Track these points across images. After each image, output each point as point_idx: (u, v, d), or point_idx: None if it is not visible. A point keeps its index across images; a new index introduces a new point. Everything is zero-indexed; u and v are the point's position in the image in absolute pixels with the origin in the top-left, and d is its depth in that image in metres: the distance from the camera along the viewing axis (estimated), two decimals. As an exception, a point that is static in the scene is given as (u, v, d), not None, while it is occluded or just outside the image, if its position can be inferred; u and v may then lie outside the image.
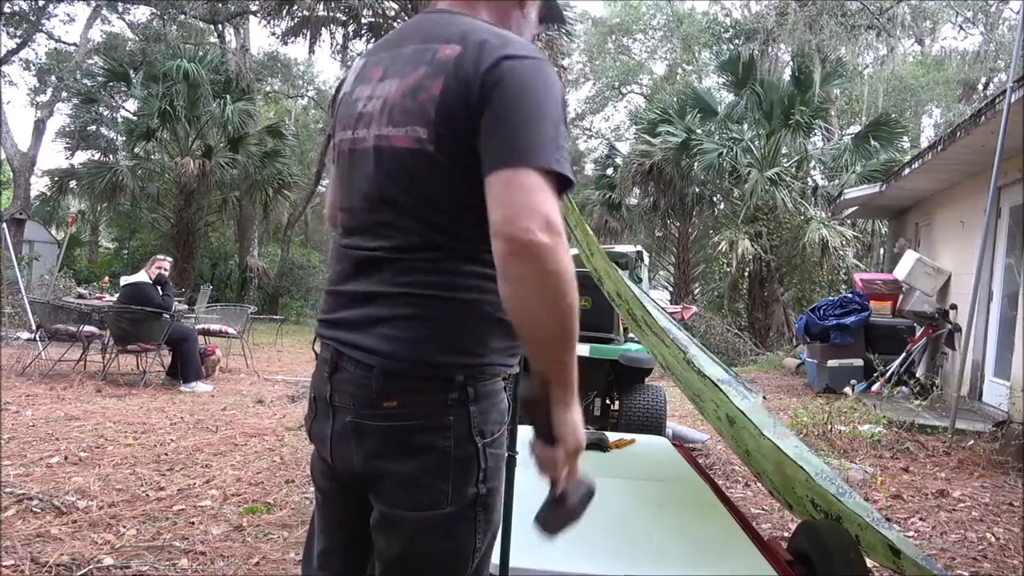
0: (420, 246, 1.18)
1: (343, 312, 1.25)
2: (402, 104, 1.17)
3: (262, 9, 16.25)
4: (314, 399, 1.31)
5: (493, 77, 1.09)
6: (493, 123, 1.09)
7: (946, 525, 3.73)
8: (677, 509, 2.50)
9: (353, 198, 1.27)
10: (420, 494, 1.17)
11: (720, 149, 13.63)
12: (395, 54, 1.25)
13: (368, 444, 1.19)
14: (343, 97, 1.34)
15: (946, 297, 8.31)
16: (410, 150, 1.16)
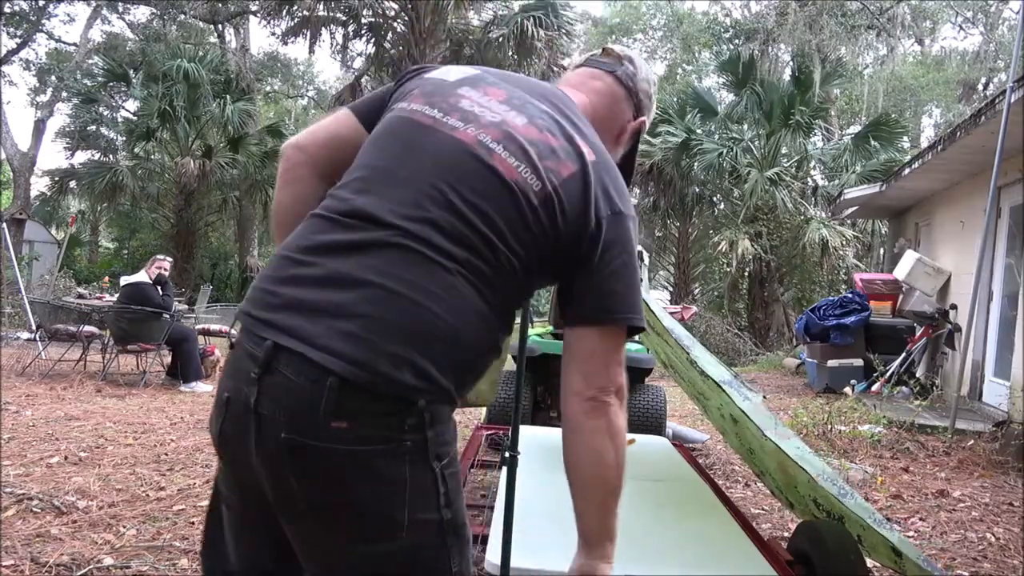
0: (452, 255, 1.06)
1: (298, 289, 1.05)
2: (527, 145, 1.13)
3: (262, 9, 16.25)
4: (227, 400, 1.07)
5: (613, 225, 1.14)
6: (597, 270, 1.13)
7: (946, 525, 3.73)
8: (677, 509, 2.50)
9: (397, 159, 1.14)
10: (373, 525, 1.04)
11: (720, 149, 13.64)
12: (524, 96, 1.22)
13: (310, 468, 1.02)
14: (434, 79, 1.25)
15: (946, 297, 8.31)
16: (509, 183, 1.10)
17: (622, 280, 1.15)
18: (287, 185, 1.29)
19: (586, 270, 1.14)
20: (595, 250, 1.13)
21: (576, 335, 1.16)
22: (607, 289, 1.14)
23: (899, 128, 14.11)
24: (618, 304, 1.14)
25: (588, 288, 1.14)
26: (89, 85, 17.06)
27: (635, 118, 1.41)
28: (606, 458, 1.16)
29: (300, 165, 1.28)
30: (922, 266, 8.45)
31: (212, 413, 1.13)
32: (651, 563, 1.97)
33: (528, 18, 13.43)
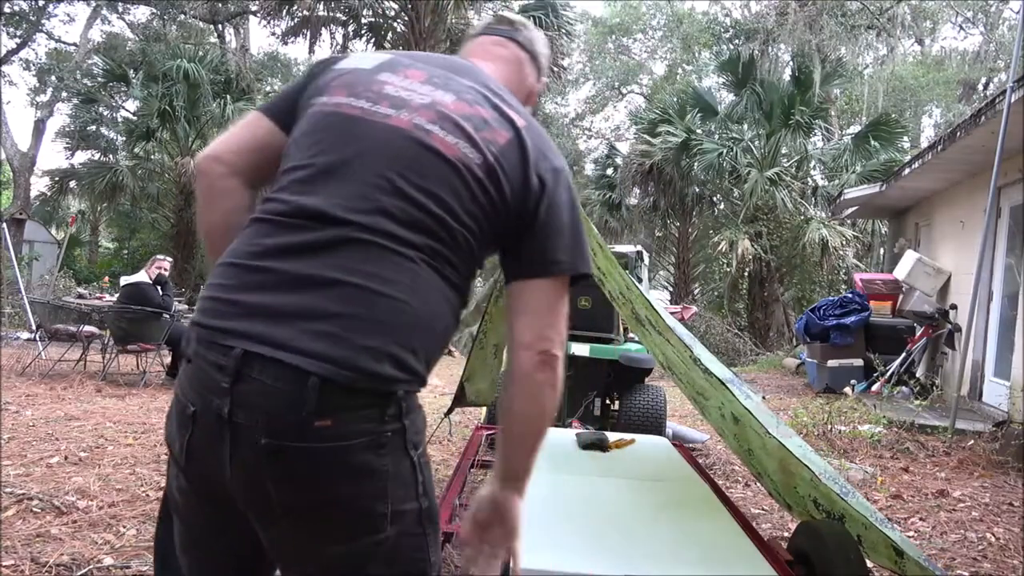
0: (408, 242, 1.08)
1: (260, 295, 1.04)
2: (460, 121, 1.15)
3: (262, 9, 16.24)
4: (193, 414, 1.04)
5: (554, 181, 1.18)
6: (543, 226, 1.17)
7: (946, 525, 3.73)
8: (677, 509, 2.50)
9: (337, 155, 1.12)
10: (356, 521, 1.05)
11: (720, 149, 13.64)
12: (444, 74, 1.23)
13: (291, 470, 1.01)
14: (350, 69, 1.23)
15: (946, 297, 8.31)
16: (451, 159, 1.12)
17: (567, 231, 1.18)
18: (214, 202, 1.24)
19: (533, 228, 1.17)
20: (540, 207, 1.16)
21: (523, 288, 1.17)
22: (554, 242, 1.17)
23: (899, 128, 14.11)
24: (566, 254, 1.17)
25: (535, 243, 1.17)
26: (89, 85, 17.05)
27: (536, 81, 1.45)
28: (548, 409, 1.17)
29: (223, 177, 1.22)
30: (922, 266, 8.45)
31: (171, 430, 1.11)
32: (651, 563, 1.97)
33: (528, 18, 13.39)
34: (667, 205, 15.78)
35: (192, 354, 1.07)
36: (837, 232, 12.68)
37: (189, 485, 1.11)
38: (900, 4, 18.53)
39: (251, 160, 1.24)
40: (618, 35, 25.91)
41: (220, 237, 1.21)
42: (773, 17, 18.64)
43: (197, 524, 1.16)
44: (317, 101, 1.19)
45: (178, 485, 1.14)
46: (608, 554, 2.00)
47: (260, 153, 1.24)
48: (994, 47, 19.52)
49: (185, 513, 1.16)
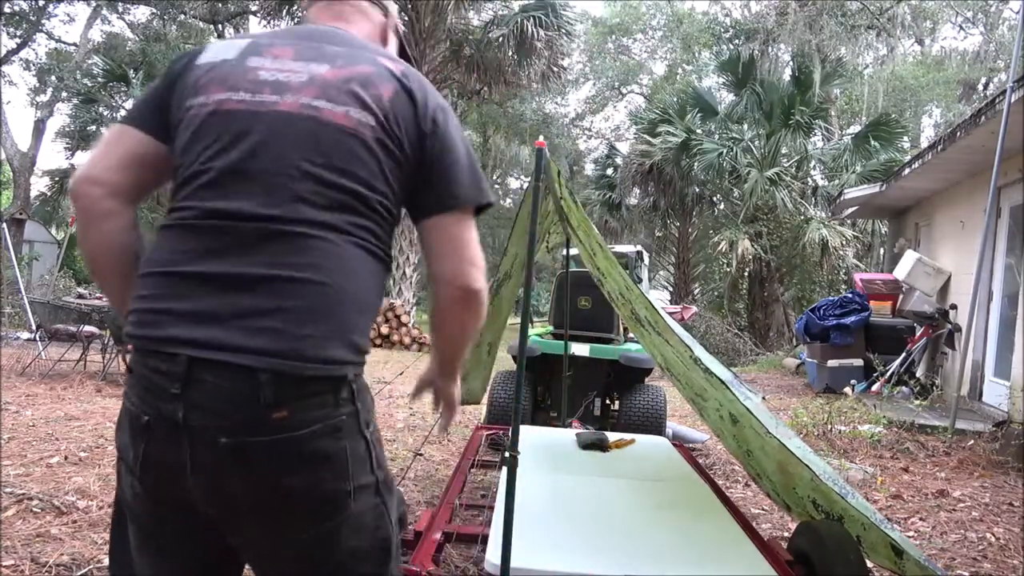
0: (330, 225, 1.09)
1: (190, 302, 1.04)
2: (343, 87, 1.15)
3: (262, 9, 16.25)
4: (147, 423, 1.04)
5: (443, 119, 1.20)
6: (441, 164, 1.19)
7: (946, 525, 3.73)
8: (677, 509, 2.50)
9: (236, 153, 1.10)
10: (323, 505, 1.08)
11: (720, 149, 13.64)
12: (311, 45, 1.21)
13: (255, 466, 1.03)
14: (215, 63, 1.18)
15: (946, 297, 8.31)
16: (346, 128, 1.13)
17: (464, 165, 1.21)
18: (94, 224, 1.19)
19: (432, 168, 1.20)
20: (436, 148, 1.19)
21: (432, 227, 1.21)
22: (453, 177, 1.20)
23: (899, 128, 14.12)
24: (465, 188, 1.21)
25: (435, 182, 1.20)
26: (89, 85, 17.05)
27: (385, 17, 1.44)
28: (470, 332, 1.26)
29: (102, 199, 1.17)
30: (922, 266, 8.45)
31: (124, 441, 1.11)
32: (651, 563, 1.97)
33: (528, 18, 13.42)
34: (667, 205, 15.79)
35: (133, 364, 1.08)
36: (837, 232, 12.68)
37: (147, 494, 1.11)
38: (900, 4, 18.54)
39: (129, 177, 1.19)
40: (618, 35, 25.92)
41: (105, 258, 1.20)
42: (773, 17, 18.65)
43: (159, 531, 1.14)
44: (194, 103, 1.15)
45: (134, 493, 1.12)
46: (608, 554, 2.00)
47: (137, 168, 1.19)
48: (994, 47, 19.52)
49: (145, 521, 1.15)
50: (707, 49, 23.43)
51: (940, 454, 5.20)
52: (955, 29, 22.71)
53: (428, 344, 9.95)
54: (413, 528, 2.34)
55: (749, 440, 2.66)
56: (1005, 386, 6.34)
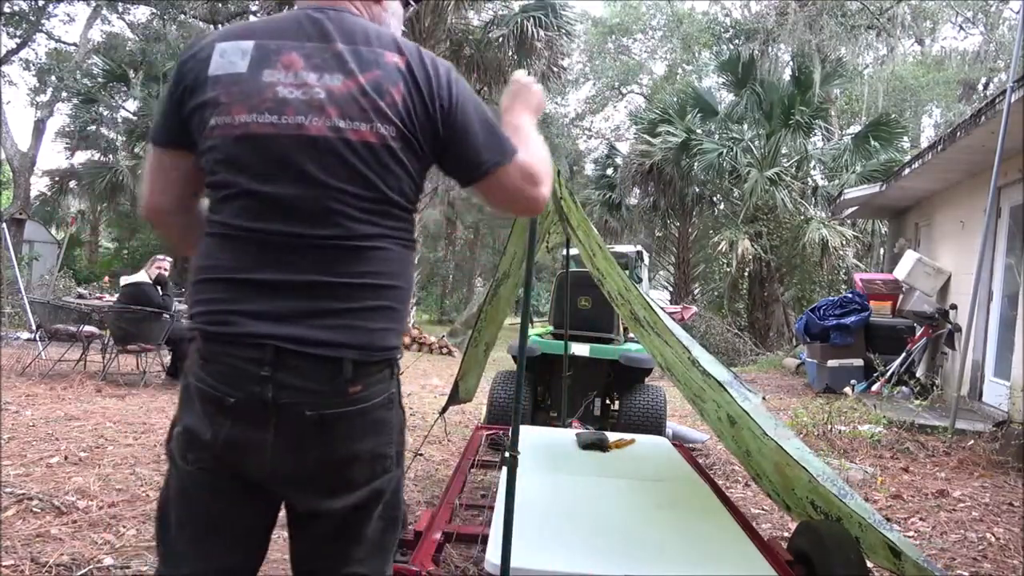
0: (375, 235, 1.23)
1: (270, 304, 1.19)
2: (361, 101, 1.21)
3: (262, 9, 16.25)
4: (233, 405, 1.18)
5: (452, 95, 1.27)
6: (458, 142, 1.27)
7: (946, 525, 3.73)
8: (677, 509, 2.50)
9: (276, 182, 1.20)
10: (375, 464, 1.27)
11: (720, 149, 13.64)
12: (316, 47, 1.24)
13: (330, 434, 1.21)
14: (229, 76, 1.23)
15: (946, 297, 8.31)
16: (375, 145, 1.21)
17: (475, 134, 1.28)
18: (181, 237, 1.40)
19: (452, 143, 1.28)
20: (454, 126, 1.27)
21: (477, 191, 1.32)
22: (482, 143, 1.28)
23: (899, 128, 14.11)
24: (486, 154, 1.28)
25: (459, 156, 1.29)
26: (89, 85, 17.04)
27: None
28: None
29: (172, 217, 1.37)
30: (922, 266, 8.45)
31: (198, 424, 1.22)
32: (651, 563, 1.97)
33: (528, 18, 13.42)
34: (667, 205, 15.79)
35: (211, 355, 1.21)
36: (837, 232, 12.68)
37: (216, 468, 1.24)
38: (900, 4, 18.54)
39: (178, 191, 1.35)
40: (618, 35, 25.91)
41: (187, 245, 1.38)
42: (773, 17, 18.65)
43: (213, 504, 1.27)
44: (220, 122, 1.22)
45: (199, 468, 1.24)
46: (608, 554, 2.00)
47: (182, 183, 1.34)
48: (994, 47, 19.52)
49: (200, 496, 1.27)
50: (707, 49, 23.42)
51: (940, 454, 5.20)
52: (955, 29, 22.73)
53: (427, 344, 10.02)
54: (413, 528, 2.34)
55: (747, 441, 2.66)
56: (1005, 386, 6.34)
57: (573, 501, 2.46)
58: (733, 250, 12.97)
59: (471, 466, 3.26)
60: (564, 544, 2.05)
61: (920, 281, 8.48)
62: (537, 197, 1.31)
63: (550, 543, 2.04)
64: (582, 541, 2.09)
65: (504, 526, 1.73)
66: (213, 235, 1.25)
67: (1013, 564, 3.25)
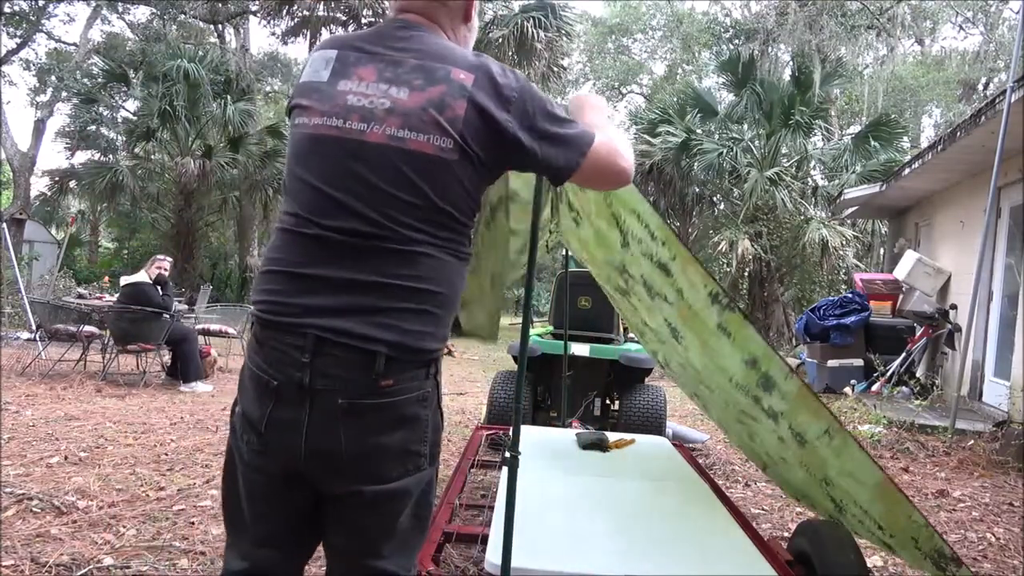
0: (424, 241, 1.29)
1: (318, 298, 1.27)
2: (422, 114, 1.28)
3: (262, 9, 16.26)
4: (276, 388, 1.29)
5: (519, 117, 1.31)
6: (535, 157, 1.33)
7: (946, 525, 3.73)
8: (677, 509, 2.50)
9: (337, 181, 1.29)
10: (407, 460, 1.33)
11: (720, 149, 13.63)
12: (391, 61, 1.34)
13: (360, 423, 1.28)
14: (312, 84, 1.36)
15: (946, 297, 8.31)
16: (431, 156, 1.27)
17: (557, 139, 1.33)
18: None
19: (534, 152, 1.33)
20: (523, 142, 1.31)
21: (576, 180, 1.38)
22: (560, 148, 1.34)
23: (899, 128, 14.09)
24: (564, 161, 1.35)
25: (548, 159, 1.34)
26: (89, 85, 17.04)
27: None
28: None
29: None
30: (922, 266, 8.45)
31: (248, 403, 1.34)
32: (651, 563, 1.97)
33: (528, 19, 13.42)
34: (667, 205, 15.77)
35: (264, 339, 1.31)
36: (837, 232, 12.67)
37: (262, 447, 1.33)
38: (900, 4, 18.54)
39: None
40: (618, 35, 25.92)
41: None
42: (773, 17, 18.66)
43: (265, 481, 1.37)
44: (299, 121, 1.36)
45: (249, 449, 1.35)
46: (608, 554, 2.00)
47: None
48: (994, 47, 19.52)
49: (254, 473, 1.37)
50: (707, 49, 23.43)
51: (940, 454, 5.20)
52: (955, 29, 22.72)
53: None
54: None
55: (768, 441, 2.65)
56: (1005, 386, 6.34)
57: (573, 501, 2.46)
58: (733, 250, 12.96)
59: (471, 466, 3.26)
60: (564, 544, 2.05)
61: (920, 281, 8.48)
62: (622, 171, 1.38)
63: (550, 543, 2.04)
64: (582, 541, 2.09)
65: (504, 526, 1.73)
66: (281, 229, 1.35)
67: (1013, 564, 3.25)
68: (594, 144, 1.35)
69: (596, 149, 1.35)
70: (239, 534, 1.44)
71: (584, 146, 1.35)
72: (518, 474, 1.74)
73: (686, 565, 1.98)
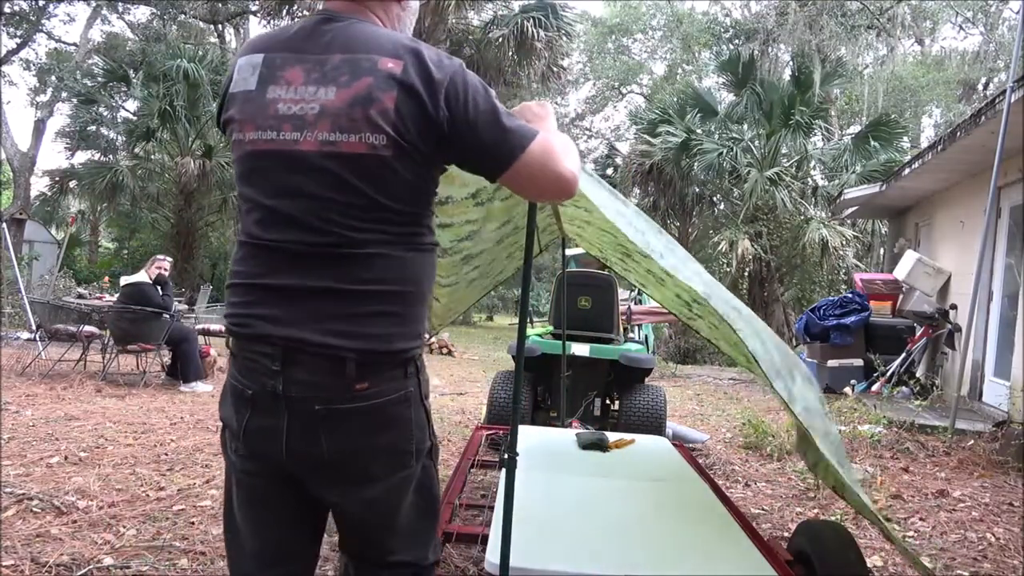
0: (374, 241, 1.26)
1: (279, 308, 1.26)
2: (351, 112, 1.23)
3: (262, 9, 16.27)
4: (251, 396, 1.29)
5: (454, 98, 1.23)
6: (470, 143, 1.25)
7: (946, 525, 3.73)
8: (677, 509, 2.50)
9: (280, 196, 1.27)
10: (392, 461, 1.32)
11: (720, 149, 13.63)
12: (317, 60, 1.28)
13: (341, 428, 1.27)
14: (243, 93, 1.31)
15: (946, 297, 8.31)
16: (365, 155, 1.23)
17: (490, 131, 1.24)
18: None
19: (468, 140, 1.25)
20: (459, 127, 1.24)
21: (508, 179, 1.28)
22: (495, 138, 1.25)
23: (899, 128, 14.10)
24: (502, 152, 1.25)
25: (482, 149, 1.26)
26: (89, 85, 17.04)
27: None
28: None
29: None
30: (922, 266, 8.45)
31: (228, 413, 1.35)
32: (651, 563, 1.97)
33: (528, 19, 13.42)
34: (667, 205, 15.78)
35: (236, 351, 1.32)
36: (837, 232, 12.67)
37: (249, 454, 1.33)
38: (900, 4, 18.54)
39: None
40: (618, 35, 25.90)
41: None
42: (773, 17, 18.66)
43: (257, 486, 1.37)
44: (237, 137, 1.32)
45: (237, 456, 1.36)
46: (608, 554, 2.00)
47: None
48: (994, 47, 19.52)
49: (246, 479, 1.38)
50: (707, 49, 23.43)
51: (940, 454, 5.20)
52: (955, 29, 22.72)
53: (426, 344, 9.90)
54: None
55: None
56: (1005, 386, 6.34)
57: (573, 501, 2.46)
58: (733, 250, 12.97)
59: (471, 466, 3.26)
60: (564, 544, 2.05)
61: (920, 281, 8.48)
62: (565, 174, 1.25)
63: (550, 543, 2.04)
64: (582, 541, 2.09)
65: (504, 526, 1.73)
66: (241, 243, 1.34)
67: (1013, 564, 3.25)
68: (535, 140, 1.25)
69: (537, 145, 1.24)
70: (238, 550, 1.42)
71: (524, 139, 1.24)
72: (518, 474, 1.74)
73: (686, 565, 1.98)
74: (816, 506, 4.02)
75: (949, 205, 8.70)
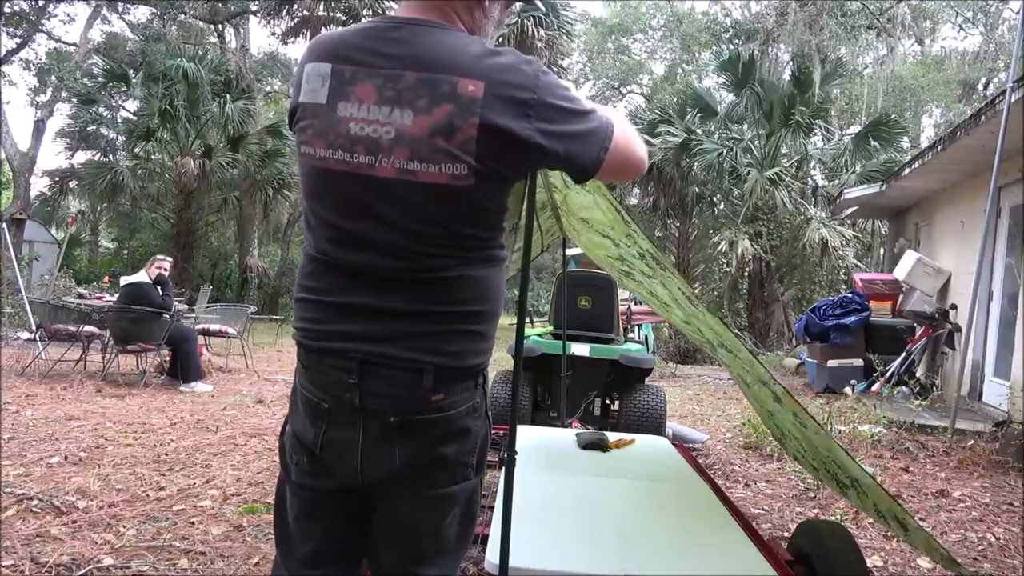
0: (453, 264, 1.25)
1: (357, 325, 1.27)
2: (430, 143, 1.18)
3: (262, 9, 16.29)
4: (328, 409, 1.29)
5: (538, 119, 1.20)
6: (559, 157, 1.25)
7: (946, 525, 3.73)
8: (677, 509, 2.50)
9: (355, 219, 1.25)
10: (456, 471, 1.33)
11: (720, 149, 13.63)
12: (389, 76, 1.21)
13: (415, 438, 1.28)
14: (312, 105, 1.26)
15: (946, 297, 8.31)
16: (446, 186, 1.20)
17: (580, 135, 1.25)
18: None
19: (558, 153, 1.24)
20: (545, 147, 1.22)
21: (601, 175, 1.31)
22: (583, 145, 1.25)
23: (899, 128, 14.10)
24: (597, 145, 1.26)
25: (572, 158, 1.26)
26: (89, 85, 17.03)
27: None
28: None
29: None
30: (922, 266, 8.45)
31: (301, 425, 1.34)
32: (651, 563, 1.97)
33: (528, 18, 13.43)
34: (667, 205, 15.77)
35: (311, 363, 1.32)
36: (837, 232, 12.67)
37: (316, 467, 1.34)
38: (900, 4, 18.54)
39: None
40: (618, 35, 25.90)
41: None
42: (773, 17, 18.65)
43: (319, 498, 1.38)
44: (305, 151, 1.28)
45: (300, 470, 1.36)
46: (608, 554, 2.00)
47: None
48: (994, 47, 19.53)
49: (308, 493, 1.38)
50: (707, 49, 23.42)
51: (940, 454, 5.20)
52: (955, 29, 22.73)
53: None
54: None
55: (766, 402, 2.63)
56: (1005, 386, 6.34)
57: (573, 501, 2.45)
58: (733, 250, 12.97)
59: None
60: (563, 544, 2.05)
61: (920, 281, 8.48)
62: (642, 159, 1.34)
63: (550, 543, 2.04)
64: (582, 541, 2.09)
65: (503, 526, 1.73)
66: (313, 258, 1.32)
67: (1013, 564, 3.25)
68: (614, 136, 1.27)
69: (616, 141, 1.27)
70: (289, 553, 1.44)
71: (606, 140, 1.27)
72: (518, 474, 1.74)
73: (686, 565, 1.98)
74: (816, 506, 4.02)
75: (949, 205, 8.70)
